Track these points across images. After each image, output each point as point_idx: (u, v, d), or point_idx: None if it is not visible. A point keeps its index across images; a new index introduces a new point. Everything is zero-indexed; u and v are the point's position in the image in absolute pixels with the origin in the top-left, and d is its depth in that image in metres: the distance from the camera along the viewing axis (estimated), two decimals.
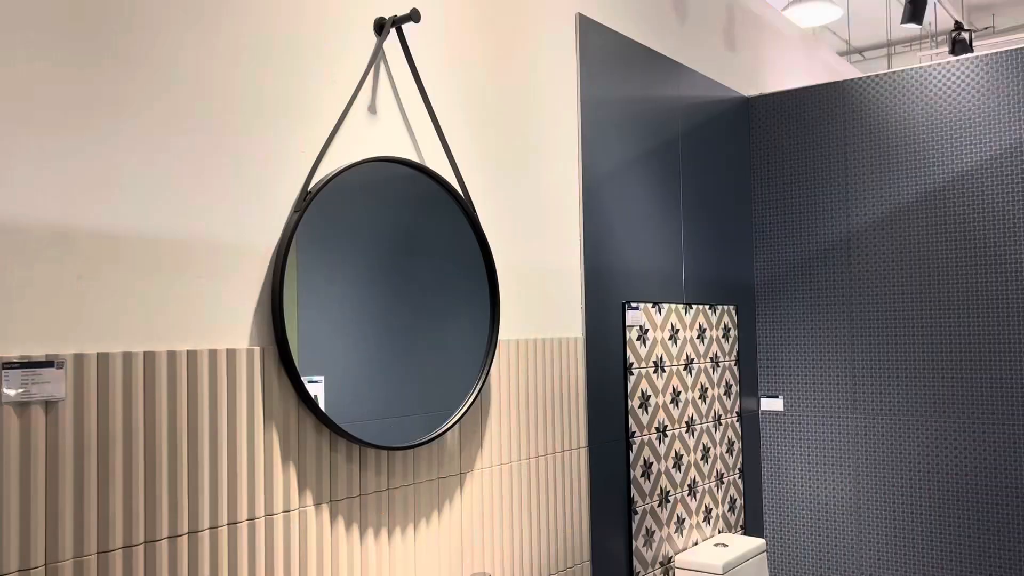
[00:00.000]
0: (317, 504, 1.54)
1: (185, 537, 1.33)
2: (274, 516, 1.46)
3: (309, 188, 1.54)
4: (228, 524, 1.39)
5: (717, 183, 2.97)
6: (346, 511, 1.59)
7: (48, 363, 1.17)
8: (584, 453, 2.24)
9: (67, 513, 1.19)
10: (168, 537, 1.30)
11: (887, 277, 2.89)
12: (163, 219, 1.33)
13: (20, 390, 1.14)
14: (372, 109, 1.69)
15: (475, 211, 1.88)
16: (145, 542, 1.28)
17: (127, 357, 1.27)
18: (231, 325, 1.42)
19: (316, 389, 1.53)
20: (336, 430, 1.54)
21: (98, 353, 1.23)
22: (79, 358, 1.21)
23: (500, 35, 2.03)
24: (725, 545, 2.66)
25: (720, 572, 2.47)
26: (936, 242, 2.80)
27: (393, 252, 1.69)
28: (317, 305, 1.54)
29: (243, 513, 1.41)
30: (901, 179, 2.87)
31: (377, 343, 1.64)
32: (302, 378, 1.50)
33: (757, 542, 2.71)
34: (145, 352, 1.29)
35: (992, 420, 2.69)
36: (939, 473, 2.78)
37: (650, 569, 2.46)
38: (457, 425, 1.84)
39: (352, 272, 1.60)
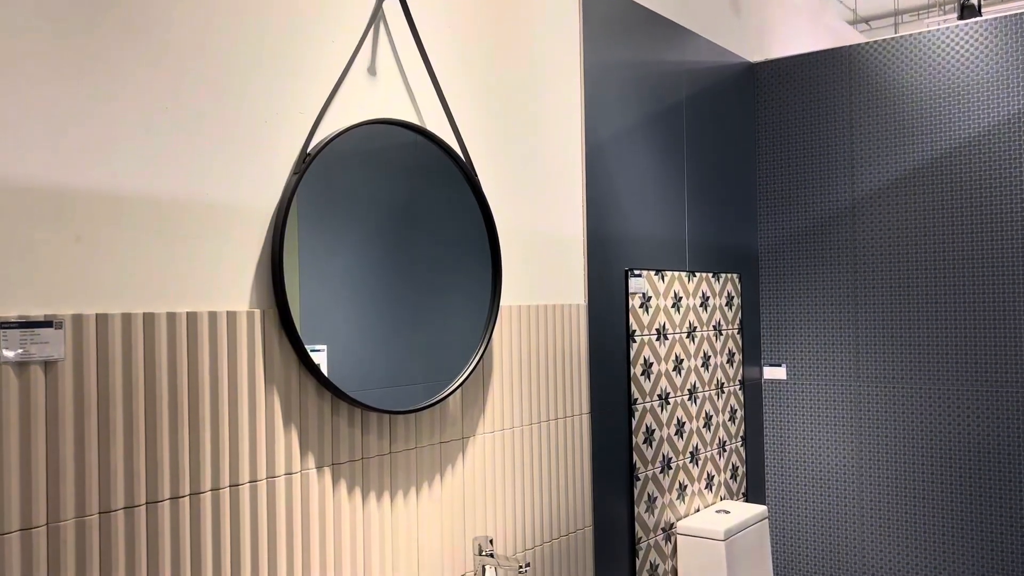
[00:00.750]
0: (319, 467, 1.54)
1: (187, 498, 1.33)
2: (276, 479, 1.47)
3: (308, 150, 1.52)
4: (230, 486, 1.39)
5: (721, 150, 2.94)
6: (348, 474, 1.59)
7: (47, 323, 1.17)
8: (586, 419, 2.24)
9: (68, 473, 1.19)
10: (170, 498, 1.31)
11: (892, 245, 2.87)
12: (161, 180, 1.31)
13: (19, 350, 1.14)
14: (372, 71, 1.67)
15: (477, 175, 1.86)
16: (147, 503, 1.28)
17: (126, 318, 1.26)
18: (231, 287, 1.41)
19: (319, 358, 1.53)
20: (337, 393, 1.54)
21: (97, 314, 1.23)
22: (78, 318, 1.20)
23: None
24: (727, 512, 2.67)
25: (722, 538, 2.48)
26: (942, 209, 2.78)
27: (394, 217, 1.68)
28: (318, 270, 1.53)
29: (245, 475, 1.41)
30: (907, 145, 2.84)
31: (379, 311, 1.63)
32: (303, 342, 1.49)
33: (759, 509, 2.72)
34: (144, 313, 1.28)
35: (996, 388, 2.68)
36: (942, 441, 2.78)
37: (652, 535, 2.48)
38: (459, 390, 1.83)
39: (354, 238, 1.59)
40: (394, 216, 1.68)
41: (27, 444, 1.15)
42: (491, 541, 1.80)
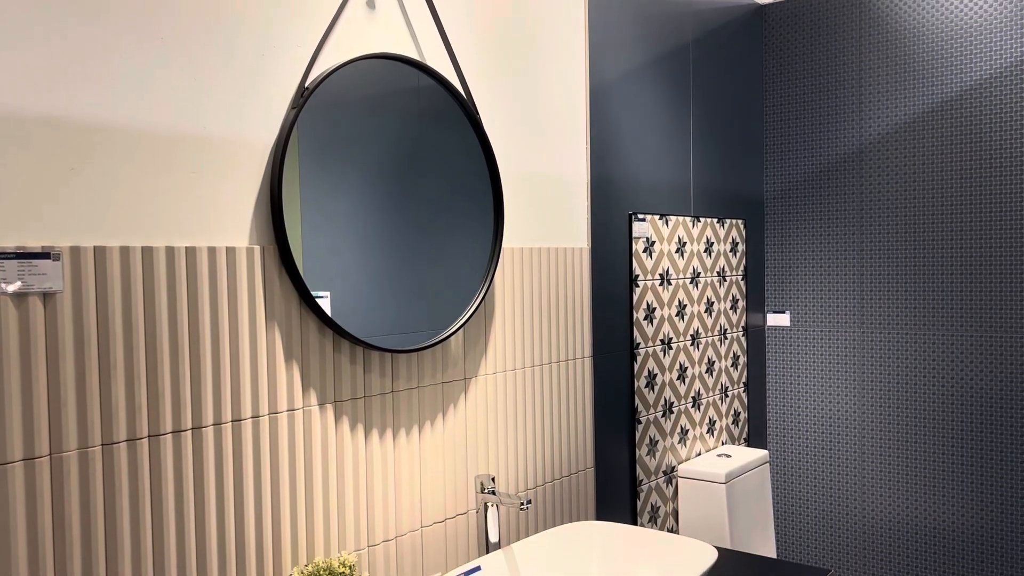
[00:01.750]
0: (321, 404, 1.54)
1: (189, 432, 1.33)
2: (278, 415, 1.47)
3: (306, 84, 1.50)
4: (232, 421, 1.40)
5: (728, 93, 2.90)
6: (350, 412, 1.60)
7: (44, 255, 1.16)
8: (588, 363, 2.24)
9: (70, 405, 1.19)
10: (172, 432, 1.31)
11: (899, 190, 2.84)
12: (156, 112, 1.29)
13: (17, 282, 1.13)
14: (371, 4, 1.63)
15: (478, 114, 1.83)
16: (149, 436, 1.28)
17: (124, 251, 1.25)
18: (230, 223, 1.40)
19: (322, 305, 1.52)
20: (339, 331, 1.54)
21: (95, 247, 1.22)
22: (75, 251, 1.20)
23: None
24: (728, 456, 2.69)
25: (723, 481, 2.50)
26: (951, 154, 2.74)
27: (396, 159, 1.65)
28: (320, 209, 1.51)
29: (247, 411, 1.42)
30: (917, 89, 2.80)
31: (382, 256, 1.62)
32: (305, 280, 1.48)
33: (760, 453, 2.74)
34: (143, 247, 1.27)
35: (1001, 335, 2.67)
36: (944, 387, 2.78)
37: (653, 477, 2.50)
38: (461, 331, 1.83)
39: (355, 180, 1.57)
40: (396, 157, 1.66)
41: (28, 375, 1.15)
42: (493, 479, 1.82)
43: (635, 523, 2.44)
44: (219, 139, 1.38)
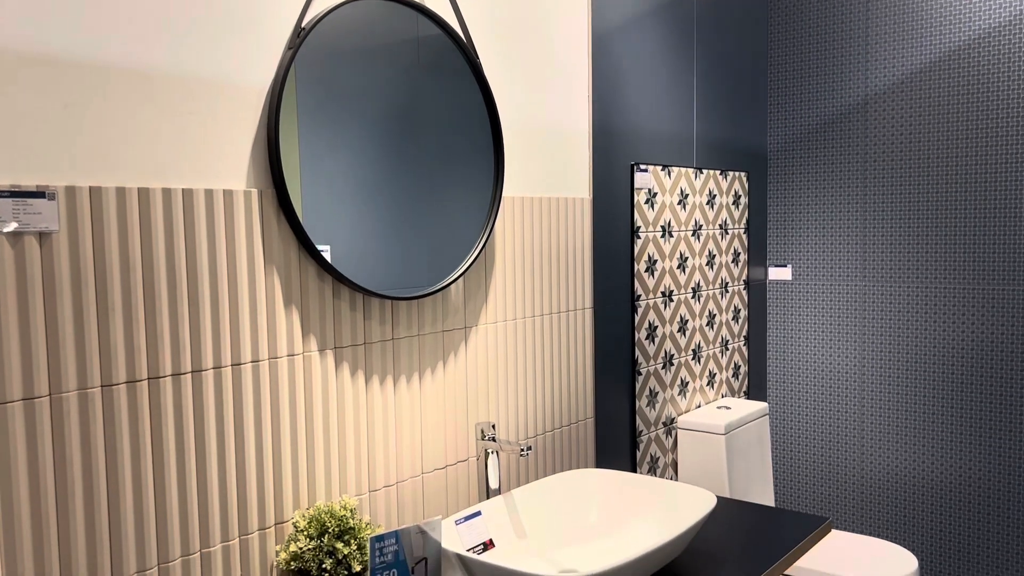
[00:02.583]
0: (321, 350, 1.54)
1: (189, 375, 1.33)
2: (278, 359, 1.47)
3: (303, 24, 1.47)
4: (232, 365, 1.39)
5: (732, 43, 2.85)
6: (351, 358, 1.59)
7: (39, 194, 1.15)
8: (589, 314, 2.24)
9: (68, 345, 1.19)
10: (172, 375, 1.31)
11: (904, 143, 2.81)
12: (150, 50, 1.27)
13: (13, 223, 1.12)
14: None
15: (478, 58, 1.80)
16: (149, 378, 1.28)
17: (120, 192, 1.24)
18: (227, 166, 1.38)
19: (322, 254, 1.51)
20: (338, 277, 1.53)
21: (90, 187, 1.20)
22: (71, 190, 1.18)
23: None
24: (728, 408, 2.70)
25: (722, 432, 2.51)
26: (956, 106, 2.71)
27: (395, 107, 1.63)
28: (317, 154, 1.49)
29: (247, 355, 1.42)
30: (923, 41, 2.75)
31: (381, 205, 1.61)
32: (304, 226, 1.47)
33: (760, 405, 2.75)
34: (139, 188, 1.26)
35: (1003, 289, 2.67)
36: (945, 341, 2.78)
37: (652, 428, 2.51)
38: (461, 279, 1.82)
39: (354, 128, 1.55)
40: (395, 107, 1.63)
41: (25, 315, 1.14)
42: (493, 426, 1.82)
43: (635, 473, 2.46)
44: (215, 80, 1.35)
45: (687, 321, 2.66)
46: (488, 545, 1.67)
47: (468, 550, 1.61)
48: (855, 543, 2.55)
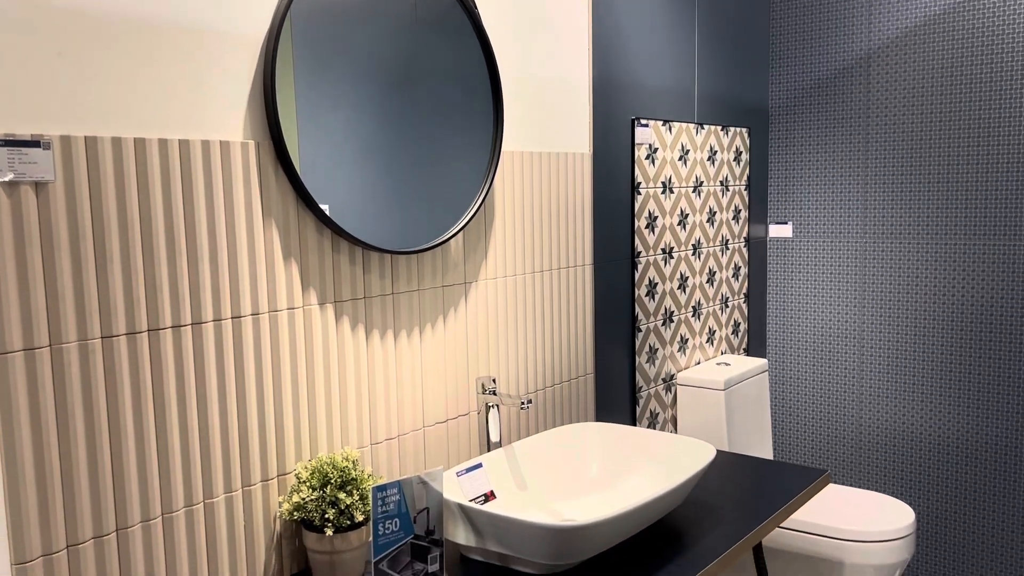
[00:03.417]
0: (321, 304, 1.54)
1: (189, 328, 1.33)
2: (278, 312, 1.47)
3: None
4: (232, 317, 1.39)
5: None
6: (351, 312, 1.59)
7: (34, 143, 1.13)
8: (589, 270, 2.24)
9: (68, 296, 1.18)
10: (172, 327, 1.31)
11: (906, 99, 2.79)
12: None
13: (9, 174, 1.11)
14: None
15: (477, 11, 1.78)
16: (149, 330, 1.28)
17: (116, 142, 1.22)
18: (224, 117, 1.36)
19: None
20: (337, 231, 1.52)
21: (86, 136, 1.19)
22: (66, 140, 1.17)
23: None
24: (727, 364, 2.71)
25: (722, 388, 2.52)
26: (959, 61, 2.68)
27: (392, 62, 1.61)
28: (314, 107, 1.48)
29: (247, 307, 1.41)
30: None
31: (380, 159, 1.59)
32: (302, 179, 1.46)
33: (759, 362, 2.76)
34: (135, 138, 1.25)
35: (1003, 244, 2.66)
36: (945, 298, 2.78)
37: (652, 384, 2.52)
38: (461, 234, 1.82)
39: (351, 84, 1.53)
40: (393, 62, 1.61)
41: (23, 265, 1.14)
42: (494, 380, 1.83)
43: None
44: (210, 30, 1.33)
45: (687, 278, 2.65)
46: (489, 497, 1.68)
47: (469, 501, 1.62)
48: (853, 496, 2.58)
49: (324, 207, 1.50)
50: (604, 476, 1.83)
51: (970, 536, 2.80)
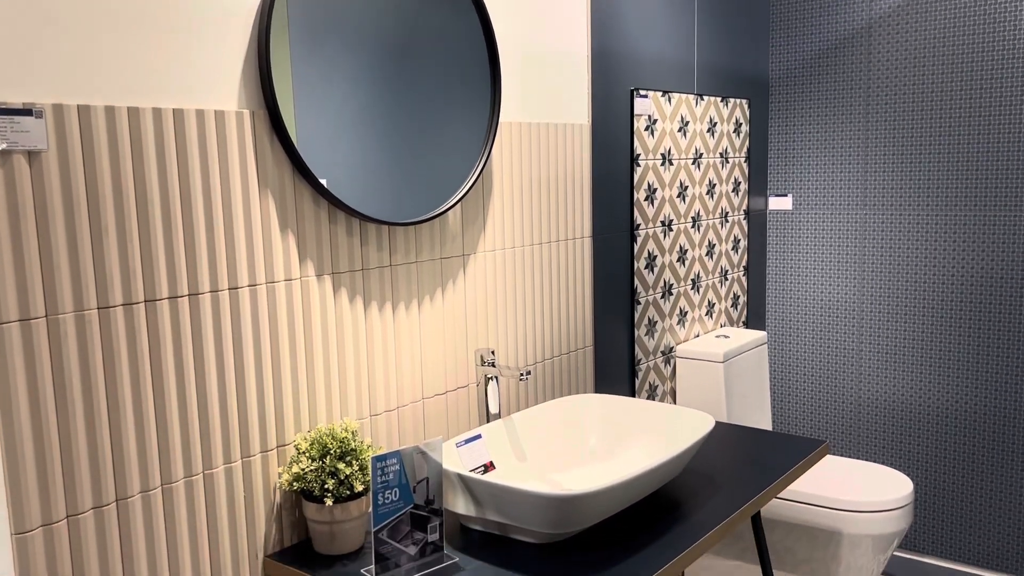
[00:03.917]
0: (319, 275, 1.53)
1: (186, 299, 1.33)
2: (275, 283, 1.46)
3: None
4: (229, 289, 1.39)
5: None
6: (349, 284, 1.59)
7: (26, 111, 1.12)
8: (588, 243, 2.23)
9: (63, 266, 1.18)
10: (169, 297, 1.30)
11: (908, 68, 2.76)
12: None
13: (2, 142, 1.10)
14: None
15: None
16: (146, 300, 1.27)
17: (110, 111, 1.21)
18: (218, 86, 1.35)
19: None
20: (334, 201, 1.51)
21: (78, 105, 1.18)
22: (58, 108, 1.16)
23: None
24: (727, 337, 2.71)
25: (721, 360, 2.52)
26: (963, 29, 2.65)
27: (388, 25, 1.59)
28: (311, 75, 1.46)
29: (244, 278, 1.41)
30: None
31: (377, 130, 1.58)
32: (298, 149, 1.45)
33: (758, 334, 2.75)
34: (129, 107, 1.23)
35: (1006, 217, 2.65)
36: (945, 270, 2.77)
37: (651, 357, 2.52)
38: (459, 205, 1.80)
39: (347, 55, 1.51)
40: (390, 27, 1.59)
41: (18, 234, 1.13)
42: (493, 352, 1.83)
43: None
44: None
45: (687, 251, 2.65)
46: (488, 467, 1.68)
47: (469, 471, 1.63)
48: (851, 467, 2.59)
49: (322, 180, 1.49)
50: (603, 447, 1.84)
51: (967, 506, 2.81)
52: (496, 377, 1.81)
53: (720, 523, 1.53)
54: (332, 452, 1.43)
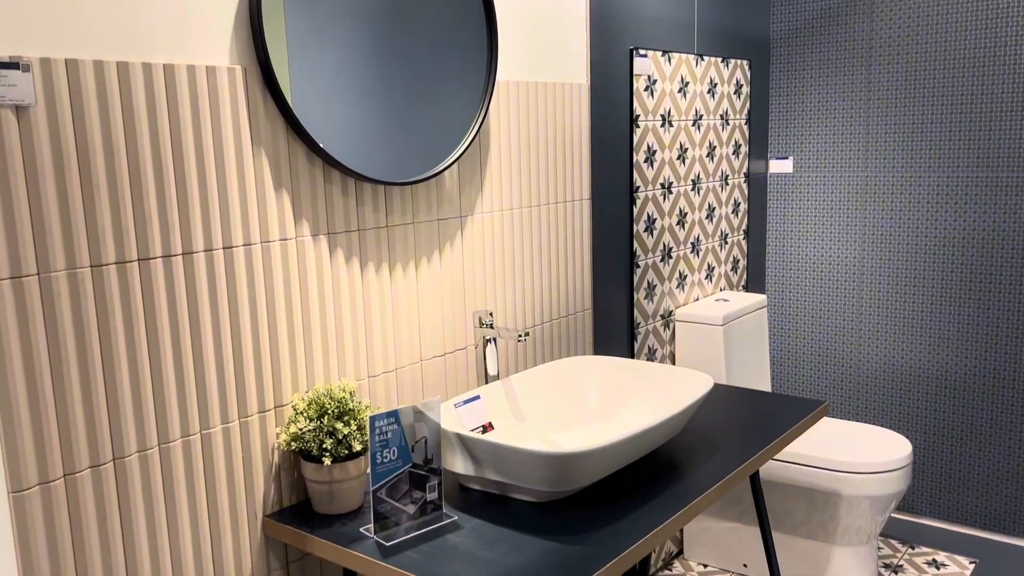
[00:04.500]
0: (315, 235, 1.52)
1: (180, 257, 1.31)
2: (270, 243, 1.45)
3: None
4: (223, 248, 1.37)
5: None
6: (345, 244, 1.57)
7: (13, 64, 1.10)
8: (587, 205, 2.21)
9: (54, 224, 1.16)
10: (163, 256, 1.29)
11: (910, 28, 2.72)
12: None
13: None
14: None
15: None
16: (139, 259, 1.26)
17: (98, 65, 1.19)
18: (209, 41, 1.32)
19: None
20: (329, 160, 1.49)
21: (66, 59, 1.15)
22: (46, 62, 1.13)
23: None
24: (726, 300, 2.70)
25: (720, 323, 2.52)
26: None
27: None
28: (305, 30, 1.43)
29: (238, 238, 1.39)
30: None
31: (372, 88, 1.55)
32: (291, 106, 1.42)
33: (758, 297, 2.74)
34: (118, 62, 1.21)
35: (1009, 177, 2.62)
36: (946, 232, 2.75)
37: (650, 320, 2.51)
38: (456, 165, 1.78)
39: (344, 15, 1.48)
40: None
41: (7, 190, 1.11)
42: (491, 314, 1.82)
43: None
44: None
45: (686, 214, 2.63)
46: (487, 428, 1.68)
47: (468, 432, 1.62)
48: (850, 429, 2.59)
49: (320, 143, 1.47)
50: (602, 407, 1.84)
51: (965, 468, 2.82)
52: (494, 339, 1.80)
53: (718, 482, 1.53)
54: (330, 412, 1.43)
